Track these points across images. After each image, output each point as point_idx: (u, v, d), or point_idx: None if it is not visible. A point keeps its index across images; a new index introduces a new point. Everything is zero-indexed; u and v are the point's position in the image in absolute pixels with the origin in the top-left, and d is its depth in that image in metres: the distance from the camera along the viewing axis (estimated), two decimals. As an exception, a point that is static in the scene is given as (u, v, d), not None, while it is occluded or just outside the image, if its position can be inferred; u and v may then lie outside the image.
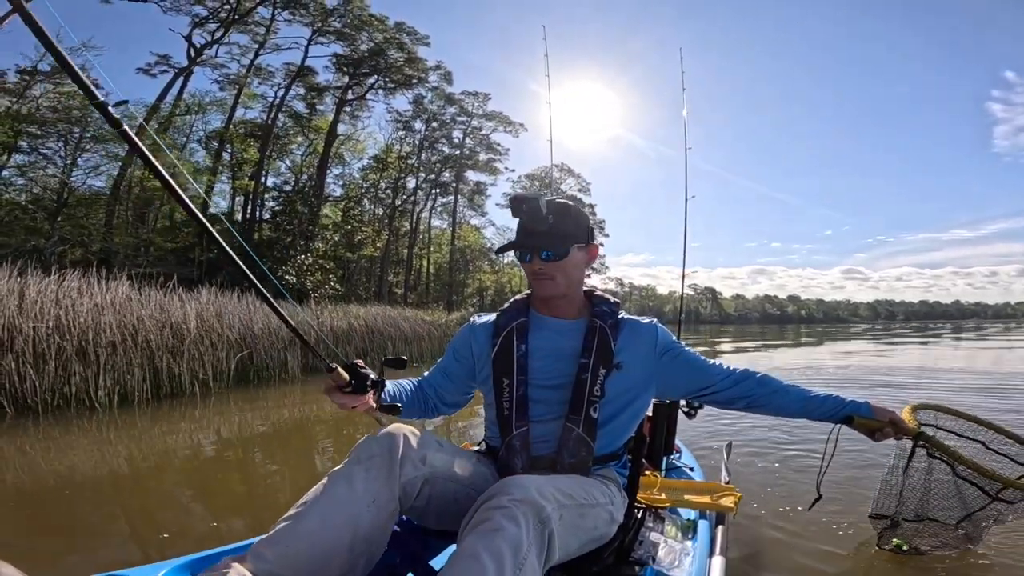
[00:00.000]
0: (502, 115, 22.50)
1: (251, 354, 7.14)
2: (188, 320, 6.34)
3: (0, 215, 11.75)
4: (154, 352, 5.66)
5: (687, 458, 2.11)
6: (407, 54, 19.27)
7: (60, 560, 1.88)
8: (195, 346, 6.24)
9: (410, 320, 12.28)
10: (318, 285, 15.68)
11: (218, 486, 2.98)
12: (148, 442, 3.94)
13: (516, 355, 1.06)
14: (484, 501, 0.77)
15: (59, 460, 3.36)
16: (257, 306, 8.01)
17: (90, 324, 5.20)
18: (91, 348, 5.05)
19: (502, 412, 1.05)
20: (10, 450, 3.57)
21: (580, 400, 1.02)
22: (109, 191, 13.29)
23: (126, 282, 6.35)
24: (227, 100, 16.94)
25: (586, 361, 1.04)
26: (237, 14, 16.68)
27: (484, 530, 0.71)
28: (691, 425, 2.67)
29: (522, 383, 1.05)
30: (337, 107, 19.02)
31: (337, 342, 9.15)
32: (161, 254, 13.88)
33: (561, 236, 1.04)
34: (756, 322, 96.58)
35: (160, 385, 5.60)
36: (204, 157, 17.25)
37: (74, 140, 13.04)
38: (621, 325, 1.10)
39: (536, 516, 0.74)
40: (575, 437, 1.01)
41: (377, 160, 20.64)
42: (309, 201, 17.17)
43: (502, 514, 0.72)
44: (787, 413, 1.14)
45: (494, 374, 1.08)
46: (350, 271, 19.38)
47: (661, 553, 1.11)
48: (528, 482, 0.79)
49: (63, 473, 3.11)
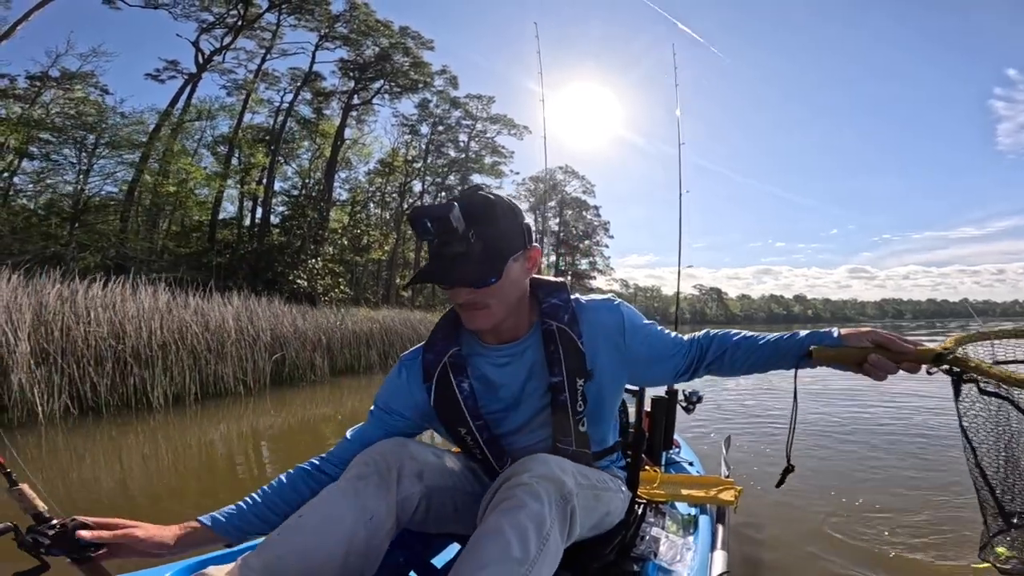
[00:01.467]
0: (506, 118, 22.79)
1: (283, 356, 7.31)
2: (227, 323, 6.50)
3: (16, 222, 11.79)
4: (199, 354, 5.82)
5: (686, 452, 2.08)
6: (412, 58, 19.47)
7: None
8: (234, 348, 6.40)
9: (425, 322, 12.46)
10: (328, 289, 15.83)
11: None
12: (213, 436, 4.11)
13: (461, 397, 0.88)
14: (505, 480, 0.74)
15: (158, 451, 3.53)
16: (285, 309, 8.18)
17: (139, 328, 5.36)
18: (144, 350, 5.21)
19: (475, 458, 0.93)
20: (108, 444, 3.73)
21: (565, 423, 0.88)
22: (124, 196, 13.36)
23: (152, 287, 6.50)
24: (236, 106, 17.07)
25: (558, 380, 0.87)
26: (244, 20, 16.82)
27: (507, 507, 0.69)
28: (690, 419, 2.70)
29: (483, 427, 0.89)
30: (344, 111, 19.18)
31: (359, 344, 9.32)
32: (174, 259, 13.96)
33: (490, 257, 0.80)
34: (762, 322, 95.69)
35: (206, 386, 5.77)
36: (212, 163, 17.39)
37: (89, 146, 13.11)
38: (579, 315, 0.90)
39: (558, 492, 0.72)
40: (571, 454, 0.88)
41: (383, 164, 20.81)
42: (319, 205, 17.29)
43: (524, 491, 0.70)
44: (755, 363, 0.90)
45: (444, 425, 0.91)
46: (357, 274, 19.51)
47: (663, 548, 1.10)
48: (548, 458, 0.76)
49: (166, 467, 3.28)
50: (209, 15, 16.54)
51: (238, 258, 15.43)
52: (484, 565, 0.64)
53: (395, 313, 12.46)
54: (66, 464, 3.29)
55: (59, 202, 13.09)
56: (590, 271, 30.12)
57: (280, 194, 18.60)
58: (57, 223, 12.66)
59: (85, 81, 14.43)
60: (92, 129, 12.95)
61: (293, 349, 7.54)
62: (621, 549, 1.02)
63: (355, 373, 8.68)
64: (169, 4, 15.38)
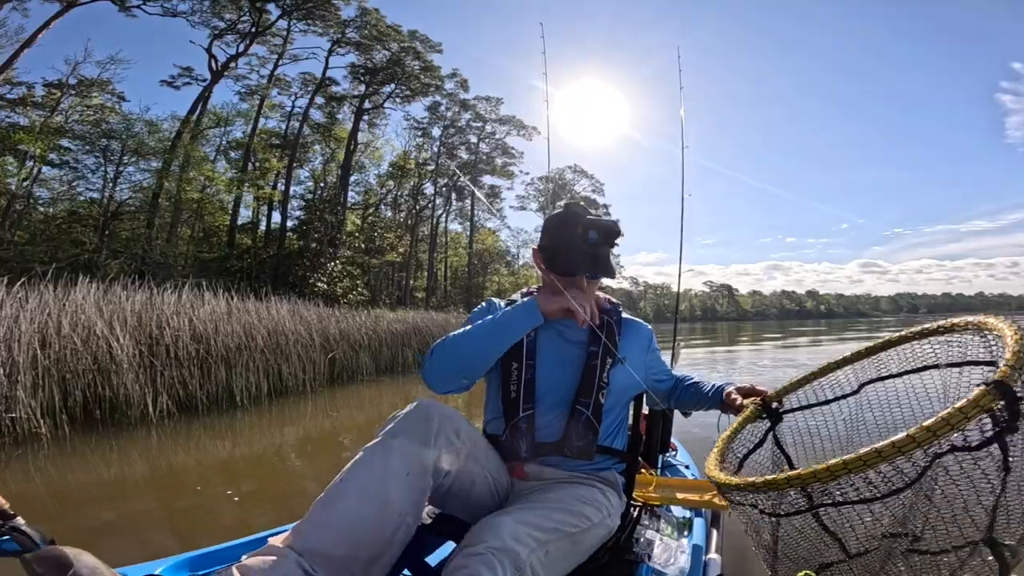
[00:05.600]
0: (515, 119, 23.04)
1: (334, 357, 7.54)
2: (285, 324, 6.73)
3: (47, 229, 11.91)
4: (268, 355, 6.05)
5: (683, 456, 2.10)
6: (423, 62, 19.67)
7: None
8: (294, 348, 6.63)
9: (450, 323, 12.72)
10: (347, 291, 16.02)
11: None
12: (303, 430, 4.37)
13: (526, 340, 1.09)
14: (463, 547, 0.78)
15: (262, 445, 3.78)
16: (330, 312, 8.40)
17: (216, 331, 5.59)
18: (222, 352, 5.44)
19: (508, 395, 1.07)
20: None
21: (590, 385, 1.07)
22: (149, 203, 13.49)
23: (210, 292, 6.70)
24: (250, 111, 17.21)
25: (595, 350, 1.10)
26: (257, 27, 16.96)
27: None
28: (687, 422, 2.90)
29: (530, 367, 1.08)
30: (355, 116, 19.35)
31: (395, 344, 9.56)
32: (199, 265, 14.11)
33: (607, 259, 1.11)
34: (775, 318, 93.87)
35: (275, 384, 6.00)
36: (225, 168, 17.52)
37: (113, 154, 13.23)
38: (624, 323, 1.19)
39: (512, 563, 0.75)
40: (584, 420, 1.05)
41: (395, 167, 21.00)
42: (335, 209, 17.47)
43: (479, 561, 0.73)
44: (704, 405, 1.22)
45: (504, 358, 1.08)
46: (371, 276, 19.71)
47: (657, 551, 1.12)
48: (503, 528, 0.80)
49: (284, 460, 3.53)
50: (221, 22, 16.71)
51: (259, 262, 15.58)
52: None
53: (420, 314, 12.71)
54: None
55: (86, 209, 13.20)
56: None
57: (295, 198, 18.76)
58: (83, 230, 12.78)
59: (102, 89, 14.55)
60: (116, 136, 13.07)
61: (341, 349, 7.78)
62: (616, 551, 1.05)
63: (394, 373, 8.92)
64: (186, 12, 15.54)
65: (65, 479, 3.03)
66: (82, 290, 4.86)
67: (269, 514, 2.47)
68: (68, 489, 2.88)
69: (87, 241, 12.26)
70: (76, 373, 4.11)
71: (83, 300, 4.65)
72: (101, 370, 4.22)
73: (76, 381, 4.09)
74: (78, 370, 4.12)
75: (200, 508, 2.58)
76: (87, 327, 4.34)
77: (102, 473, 3.17)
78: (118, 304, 5.04)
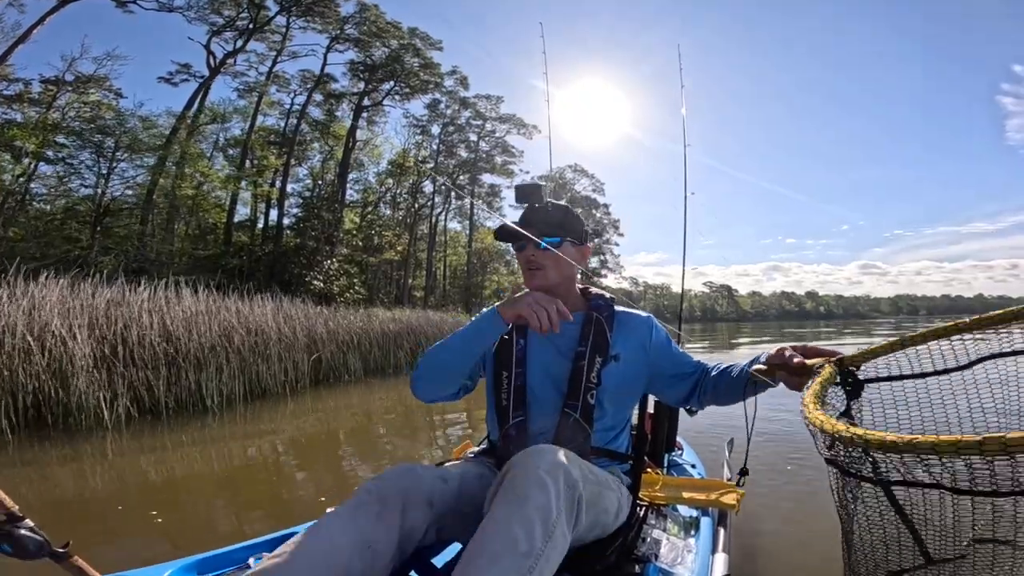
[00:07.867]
0: (516, 118, 22.78)
1: (319, 357, 7.29)
2: (268, 325, 6.48)
3: (38, 226, 11.78)
4: (245, 356, 5.80)
5: (689, 455, 2.06)
6: (422, 60, 19.44)
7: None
8: (275, 349, 6.38)
9: (447, 322, 12.45)
10: (344, 290, 15.81)
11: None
12: (283, 434, 4.10)
13: (515, 349, 1.09)
14: (511, 469, 0.75)
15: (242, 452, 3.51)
16: (319, 311, 8.15)
17: (190, 330, 5.34)
18: (195, 353, 5.19)
19: (500, 403, 1.08)
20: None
21: (577, 387, 1.04)
22: (143, 200, 13.35)
23: (190, 289, 6.47)
24: (248, 108, 17.05)
25: (583, 350, 1.06)
26: (256, 23, 16.80)
27: (513, 499, 0.70)
28: (693, 421, 2.74)
29: (520, 375, 1.08)
30: (354, 113, 19.15)
31: (387, 344, 9.30)
32: (192, 262, 13.95)
33: (557, 224, 1.08)
34: (774, 319, 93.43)
35: (252, 386, 5.75)
36: (223, 165, 17.37)
37: (107, 150, 13.09)
38: (616, 317, 1.13)
39: (565, 480, 0.73)
40: (572, 423, 1.03)
41: (395, 165, 20.79)
42: (332, 207, 17.28)
43: (530, 481, 0.71)
44: (735, 389, 1.06)
45: (494, 367, 1.10)
46: (369, 275, 19.50)
47: (664, 550, 1.11)
48: (556, 448, 0.78)
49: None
50: (220, 18, 16.56)
51: (254, 260, 15.41)
52: (491, 560, 0.65)
53: (417, 314, 12.45)
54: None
55: (78, 205, 13.07)
56: (600, 269, 30.09)
57: (292, 195, 18.59)
58: (77, 227, 12.65)
59: (99, 85, 14.43)
60: (110, 133, 12.93)
61: (328, 350, 7.53)
62: (622, 551, 1.03)
63: (385, 374, 8.65)
64: (183, 7, 15.39)
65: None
66: (45, 287, 4.64)
67: (190, 542, 2.19)
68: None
69: (81, 238, 12.12)
70: (29, 375, 3.87)
71: (42, 297, 4.42)
72: (55, 372, 3.98)
73: (28, 383, 3.85)
74: (30, 371, 3.88)
75: (108, 533, 2.24)
76: (41, 325, 4.10)
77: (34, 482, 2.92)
78: (85, 301, 4.81)
